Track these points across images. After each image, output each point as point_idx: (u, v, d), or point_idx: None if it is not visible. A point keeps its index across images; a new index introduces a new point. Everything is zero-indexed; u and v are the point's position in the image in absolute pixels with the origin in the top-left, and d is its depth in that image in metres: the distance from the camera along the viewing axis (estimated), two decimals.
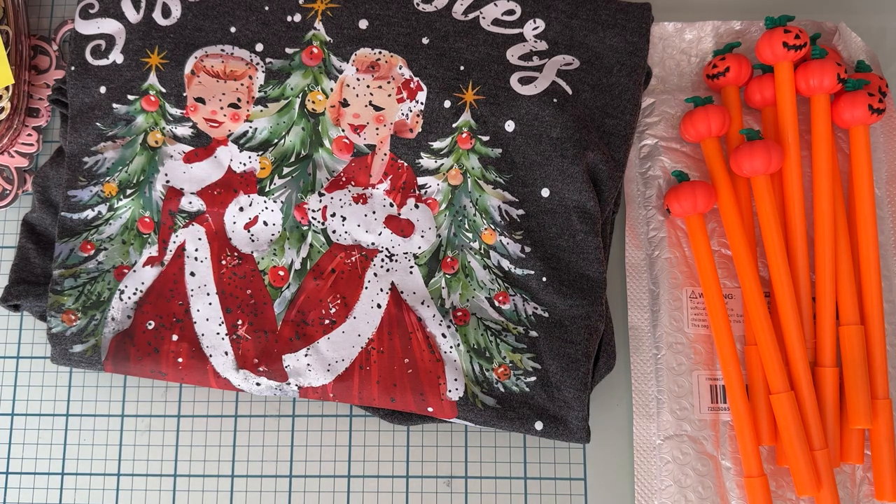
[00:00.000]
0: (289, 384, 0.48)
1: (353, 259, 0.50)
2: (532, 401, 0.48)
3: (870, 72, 0.51)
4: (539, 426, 0.47)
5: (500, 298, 0.49)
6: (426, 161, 0.51)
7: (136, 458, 0.51)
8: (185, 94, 0.52)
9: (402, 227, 0.50)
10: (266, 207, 0.51)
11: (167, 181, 0.51)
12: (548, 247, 0.49)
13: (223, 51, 0.52)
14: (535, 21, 0.52)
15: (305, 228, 0.50)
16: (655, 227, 0.52)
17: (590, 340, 0.48)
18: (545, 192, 0.50)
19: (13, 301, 0.51)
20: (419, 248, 0.50)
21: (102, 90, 0.52)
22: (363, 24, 0.52)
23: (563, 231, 0.49)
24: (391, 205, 0.50)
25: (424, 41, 0.52)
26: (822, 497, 0.46)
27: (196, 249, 0.51)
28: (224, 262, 0.50)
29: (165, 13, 0.53)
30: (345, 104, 0.51)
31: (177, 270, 0.50)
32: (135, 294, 0.50)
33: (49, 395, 0.52)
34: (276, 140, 0.51)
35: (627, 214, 0.52)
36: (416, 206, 0.50)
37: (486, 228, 0.50)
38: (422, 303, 0.49)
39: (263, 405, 0.51)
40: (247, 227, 0.51)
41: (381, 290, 0.49)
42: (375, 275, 0.50)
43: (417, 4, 0.52)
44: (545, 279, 0.49)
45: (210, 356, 0.49)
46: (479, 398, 0.48)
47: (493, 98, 0.50)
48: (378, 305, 0.49)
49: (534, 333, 0.48)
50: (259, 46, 0.52)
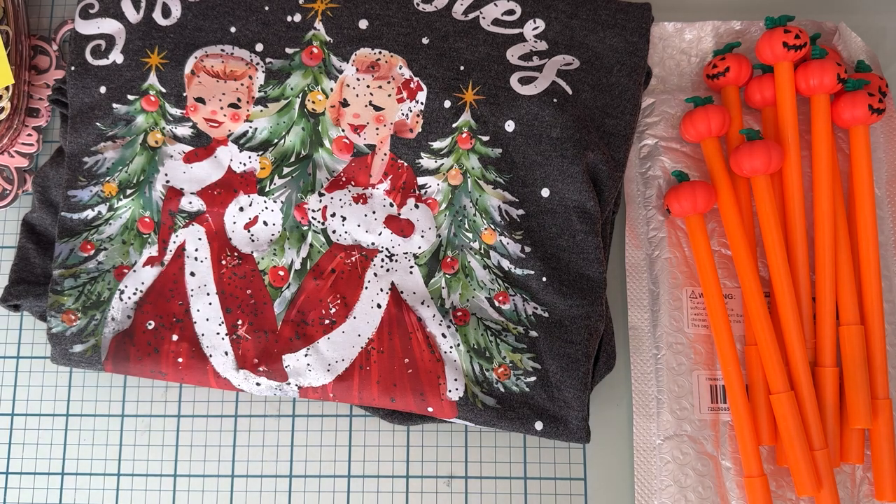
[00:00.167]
0: (289, 384, 0.48)
1: (353, 259, 0.50)
2: (532, 401, 0.48)
3: (870, 72, 0.51)
4: (539, 426, 0.47)
5: (500, 298, 0.49)
6: (426, 161, 0.51)
7: (136, 458, 0.51)
8: (185, 94, 0.52)
9: (402, 227, 0.50)
10: (266, 207, 0.51)
11: (167, 181, 0.51)
12: (548, 247, 0.49)
13: (223, 51, 0.52)
14: (535, 21, 0.52)
15: (305, 228, 0.50)
16: (655, 227, 0.52)
17: (590, 340, 0.48)
18: (545, 192, 0.50)
19: (13, 301, 0.51)
20: (419, 248, 0.50)
21: (102, 90, 0.52)
22: (363, 24, 0.52)
23: (563, 231, 0.49)
24: (391, 205, 0.50)
25: (424, 41, 0.52)
26: (822, 497, 0.46)
27: (196, 249, 0.51)
28: (224, 262, 0.50)
29: (165, 13, 0.53)
30: (345, 104, 0.51)
31: (177, 270, 0.50)
32: (135, 294, 0.50)
33: (49, 395, 0.52)
34: (276, 140, 0.51)
35: (627, 214, 0.52)
36: (416, 206, 0.50)
37: (486, 228, 0.50)
38: (422, 303, 0.49)
39: (263, 405, 0.51)
40: (247, 227, 0.51)
41: (381, 290, 0.49)
42: (375, 275, 0.50)
43: (417, 4, 0.52)
44: (545, 279, 0.49)
45: (210, 356, 0.49)
46: (479, 398, 0.48)
47: (493, 98, 0.50)
48: (378, 305, 0.49)
49: (534, 333, 0.48)
50: (259, 46, 0.52)
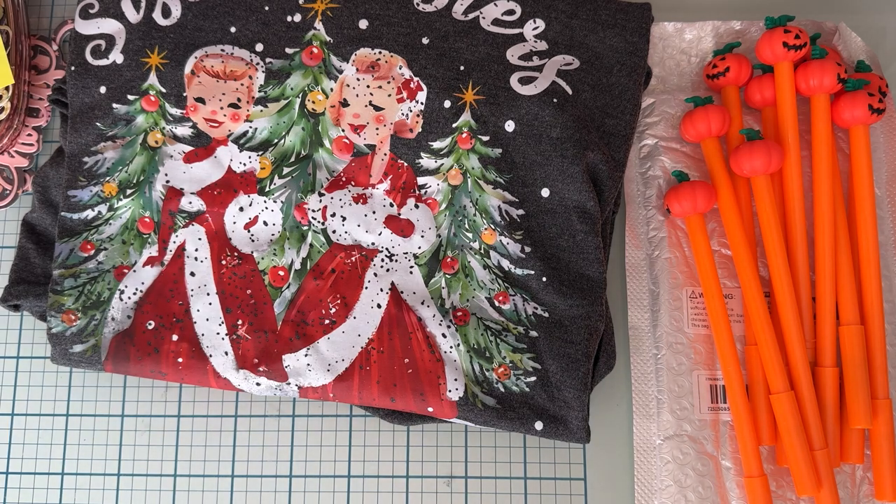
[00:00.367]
0: (289, 384, 0.48)
1: (353, 259, 0.50)
2: (532, 401, 0.48)
3: (870, 72, 0.51)
4: (539, 426, 0.47)
5: (500, 298, 0.49)
6: (426, 161, 0.51)
7: (136, 458, 0.51)
8: (185, 94, 0.52)
9: (402, 227, 0.50)
10: (266, 207, 0.51)
11: (167, 181, 0.51)
12: (548, 247, 0.49)
13: (223, 51, 0.52)
14: (535, 21, 0.52)
15: (305, 228, 0.50)
16: (655, 227, 0.52)
17: (590, 340, 0.48)
18: (545, 192, 0.50)
19: (13, 301, 0.51)
20: (419, 248, 0.50)
21: (102, 90, 0.52)
22: (363, 24, 0.52)
23: (563, 231, 0.49)
24: (391, 205, 0.50)
25: (424, 41, 0.52)
26: (822, 497, 0.46)
27: (196, 249, 0.51)
28: (224, 262, 0.50)
29: (165, 13, 0.53)
30: (345, 104, 0.51)
31: (177, 270, 0.50)
32: (135, 294, 0.50)
33: (49, 395, 0.52)
34: (276, 140, 0.51)
35: (627, 214, 0.52)
36: (416, 206, 0.50)
37: (486, 228, 0.50)
38: (422, 303, 0.49)
39: (263, 405, 0.51)
40: (247, 227, 0.51)
41: (381, 290, 0.49)
42: (375, 275, 0.50)
43: (417, 4, 0.52)
44: (545, 279, 0.49)
45: (210, 356, 0.49)
46: (479, 398, 0.48)
47: (493, 98, 0.50)
48: (378, 305, 0.49)
49: (534, 333, 0.48)
50: (259, 46, 0.52)
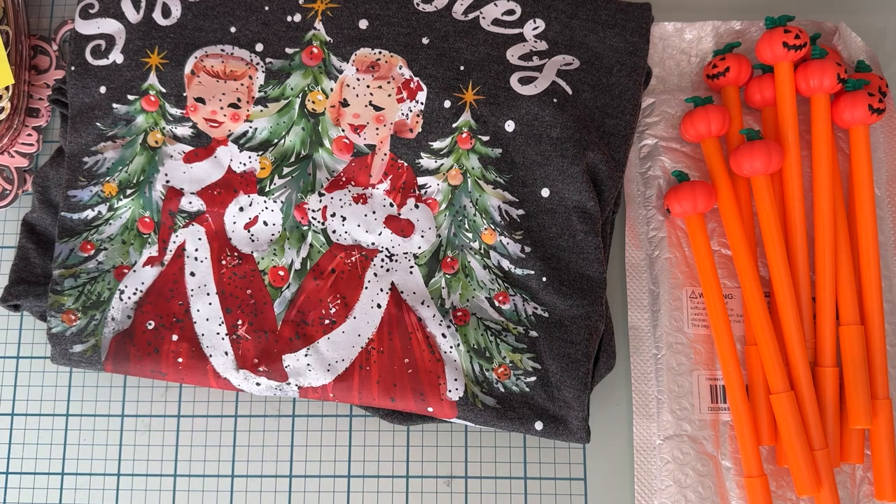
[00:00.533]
0: (289, 384, 0.48)
1: (353, 259, 0.50)
2: (532, 401, 0.48)
3: (870, 72, 0.51)
4: (539, 426, 0.47)
5: (500, 298, 0.49)
6: (426, 161, 0.51)
7: (136, 458, 0.51)
8: (185, 94, 0.52)
9: (402, 227, 0.50)
10: (266, 207, 0.51)
11: (167, 181, 0.51)
12: (548, 247, 0.49)
13: (223, 51, 0.52)
14: (535, 21, 0.52)
15: (305, 228, 0.50)
16: (655, 227, 0.52)
17: (590, 340, 0.48)
18: (545, 192, 0.50)
19: (13, 301, 0.51)
20: (419, 248, 0.50)
21: (102, 90, 0.52)
22: (363, 24, 0.52)
23: (563, 231, 0.49)
24: (391, 205, 0.50)
25: (424, 41, 0.52)
26: (822, 497, 0.46)
27: (196, 249, 0.51)
28: (224, 262, 0.50)
29: (165, 13, 0.53)
30: (345, 104, 0.51)
31: (177, 270, 0.50)
32: (135, 294, 0.50)
33: (49, 395, 0.52)
34: (276, 140, 0.51)
35: (627, 214, 0.52)
36: (416, 206, 0.50)
37: (486, 228, 0.50)
38: (422, 303, 0.49)
39: (263, 405, 0.51)
40: (247, 227, 0.51)
41: (381, 290, 0.49)
42: (375, 275, 0.50)
43: (417, 4, 0.52)
44: (545, 279, 0.49)
45: (210, 356, 0.49)
46: (479, 398, 0.48)
47: (493, 98, 0.50)
48: (378, 305, 0.49)
49: (534, 333, 0.48)
50: (259, 46, 0.52)
